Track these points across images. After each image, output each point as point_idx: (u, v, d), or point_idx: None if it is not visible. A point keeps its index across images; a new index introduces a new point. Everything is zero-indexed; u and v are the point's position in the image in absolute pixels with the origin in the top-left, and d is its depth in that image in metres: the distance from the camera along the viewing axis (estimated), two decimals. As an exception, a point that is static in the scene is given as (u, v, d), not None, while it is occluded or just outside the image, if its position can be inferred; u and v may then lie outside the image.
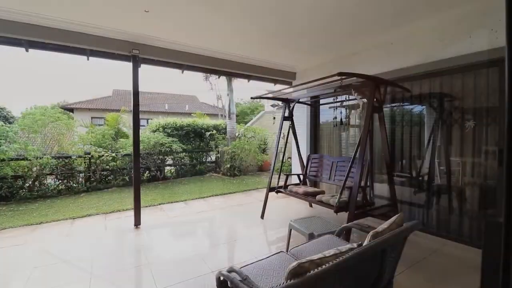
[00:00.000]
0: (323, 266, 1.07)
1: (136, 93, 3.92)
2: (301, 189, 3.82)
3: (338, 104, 3.81)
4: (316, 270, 1.05)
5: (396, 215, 1.64)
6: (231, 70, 5.03)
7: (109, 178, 6.76)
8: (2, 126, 5.22)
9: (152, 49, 4.08)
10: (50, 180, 6.09)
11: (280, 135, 4.37)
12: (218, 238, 3.50)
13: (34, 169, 5.64)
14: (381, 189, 3.99)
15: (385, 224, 1.54)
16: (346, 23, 3.32)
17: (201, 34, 3.76)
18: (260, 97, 4.38)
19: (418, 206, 3.73)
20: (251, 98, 4.31)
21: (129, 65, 4.00)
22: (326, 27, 3.44)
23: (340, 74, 2.69)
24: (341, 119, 2.92)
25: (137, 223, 3.77)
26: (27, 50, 3.73)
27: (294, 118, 4.49)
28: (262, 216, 4.10)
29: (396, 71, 3.73)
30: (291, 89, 5.23)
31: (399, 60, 3.71)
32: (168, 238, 3.42)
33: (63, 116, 6.65)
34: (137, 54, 3.90)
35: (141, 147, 6.03)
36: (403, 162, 3.98)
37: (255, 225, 3.89)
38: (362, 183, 3.16)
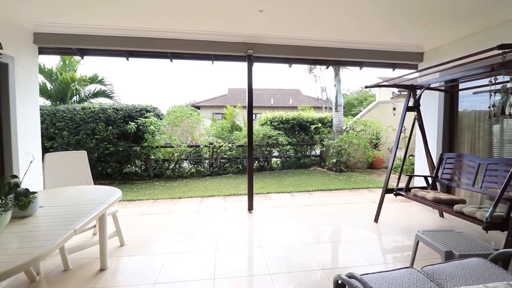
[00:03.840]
0: (490, 305, 0.81)
1: (250, 90, 4.25)
2: (430, 194, 3.16)
3: (493, 87, 2.85)
4: (478, 307, 0.80)
5: None
6: (340, 58, 4.70)
7: (226, 165, 7.78)
8: (157, 121, 6.87)
9: (264, 47, 4.29)
10: (185, 164, 7.60)
11: (401, 128, 3.74)
12: (325, 234, 3.39)
13: (176, 154, 7.18)
14: None
15: None
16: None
17: (312, 25, 3.64)
18: (378, 86, 3.87)
19: None
20: (366, 87, 3.87)
21: (241, 65, 4.39)
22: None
23: (502, 46, 2.00)
24: (502, 107, 2.16)
25: (250, 208, 4.16)
26: (171, 61, 4.69)
27: (421, 108, 3.75)
28: (376, 220, 3.68)
29: None
30: (417, 74, 4.39)
31: None
32: (277, 226, 3.59)
33: (194, 112, 8.08)
34: (251, 54, 4.20)
35: (252, 139, 6.60)
36: None
37: (367, 228, 3.53)
38: (534, 196, 2.29)
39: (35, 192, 1.82)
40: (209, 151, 7.59)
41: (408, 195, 3.43)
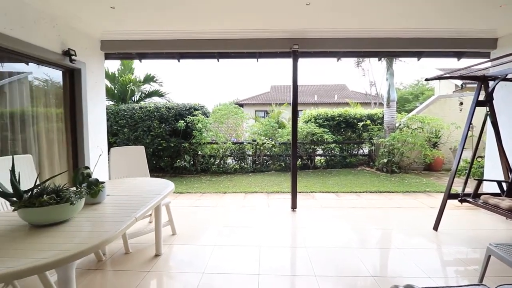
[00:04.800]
0: None
1: (295, 86, 4.18)
2: (505, 202, 2.72)
3: None
4: None
5: None
6: (395, 49, 4.32)
7: (268, 162, 7.82)
8: (204, 119, 7.21)
9: (309, 42, 4.16)
10: (229, 160, 7.85)
11: (469, 126, 3.29)
12: (375, 239, 3.18)
13: (221, 151, 7.46)
14: None
15: None
16: None
17: (363, 14, 3.40)
18: (440, 78, 3.45)
19: None
20: (426, 80, 3.47)
21: (285, 61, 4.33)
22: None
23: None
24: None
25: (294, 206, 4.11)
26: (218, 60, 4.85)
27: (494, 102, 3.24)
28: (435, 227, 3.31)
29: None
30: (489, 63, 3.80)
31: None
32: (322, 226, 3.48)
33: (238, 110, 8.27)
34: (296, 49, 4.10)
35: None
36: None
37: (424, 236, 3.20)
38: None
39: (103, 182, 2.06)
40: (252, 148, 7.71)
41: (477, 202, 3.01)
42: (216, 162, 7.57)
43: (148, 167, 3.48)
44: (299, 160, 7.88)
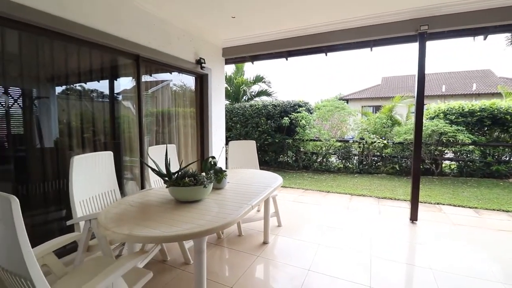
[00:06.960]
0: None
1: (421, 75, 3.53)
2: None
3: None
4: None
5: None
6: None
7: (378, 164, 6.99)
8: (307, 116, 7.18)
9: (442, 19, 3.41)
10: (333, 159, 7.52)
11: None
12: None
13: (324, 148, 7.24)
14: None
15: None
16: None
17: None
18: None
19: None
20: None
21: (400, 49, 3.79)
22: None
23: None
24: None
25: (413, 218, 3.49)
26: (326, 55, 4.68)
27: None
28: None
29: None
30: None
31: None
32: (453, 247, 2.81)
33: (345, 105, 7.77)
34: (425, 31, 3.45)
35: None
36: None
37: None
38: None
39: (225, 171, 2.36)
40: (359, 147, 7.10)
41: None
42: (319, 160, 7.41)
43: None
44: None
